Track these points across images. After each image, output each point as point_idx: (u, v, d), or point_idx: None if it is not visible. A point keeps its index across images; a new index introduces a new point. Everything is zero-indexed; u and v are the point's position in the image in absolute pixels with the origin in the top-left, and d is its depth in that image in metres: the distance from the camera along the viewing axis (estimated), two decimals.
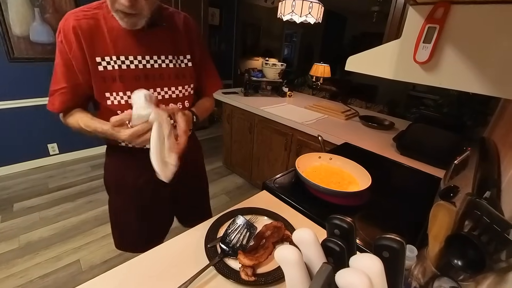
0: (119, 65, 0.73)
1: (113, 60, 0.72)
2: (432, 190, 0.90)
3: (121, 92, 0.74)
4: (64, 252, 1.66)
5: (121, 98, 0.75)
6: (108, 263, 1.62)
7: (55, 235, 1.78)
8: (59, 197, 2.17)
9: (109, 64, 0.72)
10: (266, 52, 5.06)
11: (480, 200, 0.45)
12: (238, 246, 0.64)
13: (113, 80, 0.73)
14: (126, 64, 0.74)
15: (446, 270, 0.46)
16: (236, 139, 2.48)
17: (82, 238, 1.78)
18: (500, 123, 1.10)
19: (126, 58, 0.74)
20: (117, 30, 0.72)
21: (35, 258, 1.61)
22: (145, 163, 0.88)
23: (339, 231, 0.30)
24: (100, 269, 1.58)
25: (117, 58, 0.73)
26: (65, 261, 1.60)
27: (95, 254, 1.67)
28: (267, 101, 2.31)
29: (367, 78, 0.83)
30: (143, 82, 0.77)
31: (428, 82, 0.51)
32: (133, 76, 0.76)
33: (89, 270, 1.56)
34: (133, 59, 0.75)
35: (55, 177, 2.43)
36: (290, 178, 1.03)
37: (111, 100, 0.75)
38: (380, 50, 0.59)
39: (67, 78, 0.73)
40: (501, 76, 0.43)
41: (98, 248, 1.71)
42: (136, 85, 0.76)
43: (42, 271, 1.53)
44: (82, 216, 1.97)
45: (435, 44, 0.47)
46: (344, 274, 0.26)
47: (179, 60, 0.84)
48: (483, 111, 1.56)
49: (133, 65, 0.75)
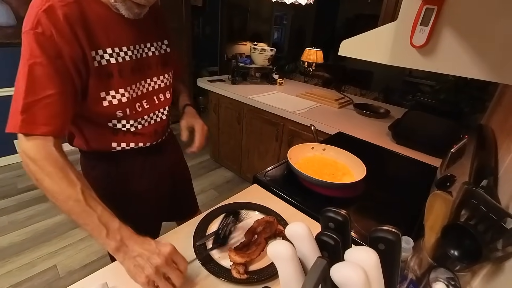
0: (116, 58, 0.68)
1: (108, 53, 0.67)
2: (428, 180, 0.93)
3: (121, 88, 0.70)
4: (39, 258, 1.63)
5: (122, 96, 0.71)
6: (88, 267, 1.60)
7: (27, 240, 1.75)
8: (30, 198, 2.12)
9: (102, 58, 0.66)
10: (254, 36, 5.00)
11: (476, 189, 0.47)
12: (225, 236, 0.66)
13: (110, 76, 0.68)
14: (121, 56, 0.70)
15: (442, 261, 0.48)
16: (224, 130, 2.47)
17: (58, 242, 1.75)
18: (498, 109, 1.14)
19: (121, 49, 0.69)
20: (104, 18, 0.66)
21: (5, 265, 1.58)
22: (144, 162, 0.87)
23: (333, 224, 0.31)
24: (80, 274, 1.56)
25: (112, 50, 0.68)
26: (40, 267, 1.58)
27: (73, 258, 1.65)
28: (256, 89, 2.30)
29: (362, 63, 0.84)
30: (137, 74, 0.75)
31: (425, 67, 0.52)
32: (129, 69, 0.72)
33: (68, 275, 1.55)
34: (127, 50, 0.71)
35: (24, 177, 2.35)
36: (282, 171, 1.04)
37: (108, 100, 0.69)
38: (375, 34, 0.59)
39: (55, 83, 0.58)
40: (500, 60, 0.44)
41: (76, 251, 1.69)
42: (133, 79, 0.74)
43: (14, 279, 1.50)
44: (57, 218, 1.93)
45: (432, 26, 0.48)
46: (339, 268, 0.26)
47: (159, 46, 0.83)
48: (481, 97, 1.61)
49: (128, 57, 0.71)
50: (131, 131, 0.78)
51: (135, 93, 0.76)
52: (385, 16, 1.54)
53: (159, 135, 0.87)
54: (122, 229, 0.56)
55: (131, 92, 0.74)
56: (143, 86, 0.78)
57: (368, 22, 1.01)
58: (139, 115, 0.78)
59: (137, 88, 0.76)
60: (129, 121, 0.76)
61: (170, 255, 0.54)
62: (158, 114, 0.85)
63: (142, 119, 0.79)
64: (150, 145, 0.85)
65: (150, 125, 0.83)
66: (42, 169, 0.57)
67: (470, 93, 1.65)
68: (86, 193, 0.57)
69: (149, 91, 0.80)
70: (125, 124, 0.76)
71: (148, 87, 0.80)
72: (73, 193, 0.56)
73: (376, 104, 2.00)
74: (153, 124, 0.84)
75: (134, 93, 0.75)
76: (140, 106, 0.78)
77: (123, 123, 0.76)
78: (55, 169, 0.57)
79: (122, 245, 0.55)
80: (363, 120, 1.75)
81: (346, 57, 0.66)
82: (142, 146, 0.82)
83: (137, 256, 0.53)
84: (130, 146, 0.80)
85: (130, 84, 0.73)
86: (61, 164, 0.58)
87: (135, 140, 0.80)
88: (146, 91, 0.79)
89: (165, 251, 0.53)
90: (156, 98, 0.83)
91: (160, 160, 0.91)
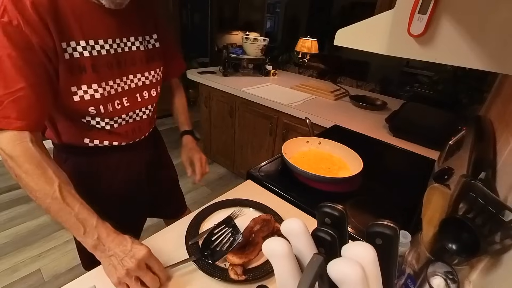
0: (90, 51, 0.67)
1: (82, 45, 0.65)
2: (426, 173, 0.95)
3: (94, 84, 0.69)
4: (21, 262, 1.61)
5: (94, 92, 0.69)
6: (74, 270, 1.59)
7: (8, 244, 1.72)
8: (9, 199, 2.08)
9: (75, 50, 0.65)
10: (246, 25, 4.95)
11: (475, 181, 0.48)
12: (218, 250, 0.63)
13: (82, 70, 0.67)
14: (96, 50, 0.68)
15: (440, 255, 0.49)
16: (216, 124, 2.46)
17: (41, 245, 1.73)
18: (497, 100, 1.17)
19: (96, 42, 0.68)
20: (79, 7, 0.64)
21: None
22: (119, 160, 0.85)
23: (330, 220, 0.31)
24: (66, 278, 1.55)
25: (86, 43, 0.66)
26: (23, 272, 1.56)
27: (59, 261, 1.64)
28: (249, 81, 2.29)
29: (358, 53, 0.84)
30: (115, 70, 0.73)
31: (423, 57, 0.52)
32: (106, 64, 0.71)
33: (53, 280, 1.53)
34: (104, 43, 0.69)
35: (3, 176, 2.30)
36: (277, 166, 1.05)
37: (79, 95, 0.68)
38: (371, 22, 0.59)
39: (26, 75, 0.57)
40: (500, 49, 0.44)
41: (61, 254, 1.68)
42: (110, 74, 0.72)
43: None
44: (40, 220, 1.91)
45: (431, 14, 0.48)
46: (336, 264, 0.27)
47: (146, 41, 0.81)
48: (479, 88, 1.64)
49: (104, 51, 0.70)
50: (106, 129, 0.77)
51: (113, 89, 0.74)
52: (382, 4, 1.55)
53: (137, 134, 0.86)
54: (99, 227, 0.57)
55: (107, 88, 0.72)
56: (124, 82, 0.77)
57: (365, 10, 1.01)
58: (117, 113, 0.76)
59: (116, 84, 0.74)
60: (104, 119, 0.75)
61: (143, 260, 0.55)
62: (139, 113, 0.83)
63: (120, 117, 0.78)
64: (126, 144, 0.83)
65: (129, 124, 0.81)
66: (20, 166, 0.57)
67: (469, 83, 1.67)
68: (63, 190, 0.57)
69: (131, 88, 0.79)
70: (99, 122, 0.75)
71: (131, 83, 0.78)
72: (50, 191, 0.56)
73: (373, 96, 2.02)
74: (131, 123, 0.82)
75: (112, 89, 0.73)
76: (120, 103, 0.76)
77: (97, 120, 0.74)
78: (31, 166, 0.57)
79: (99, 244, 0.56)
80: (359, 113, 1.77)
81: (342, 47, 0.66)
82: (117, 144, 0.81)
83: (111, 256, 0.55)
84: (104, 144, 0.79)
85: (106, 80, 0.71)
86: (38, 160, 0.58)
87: (109, 139, 0.79)
88: (127, 88, 0.78)
89: (138, 255, 0.55)
90: (139, 96, 0.81)
91: (138, 158, 0.89)
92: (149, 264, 0.56)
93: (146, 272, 0.55)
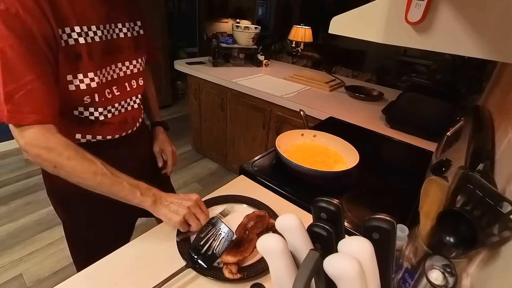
0: (85, 37, 0.67)
1: (77, 31, 0.65)
2: (423, 165, 0.96)
3: (90, 72, 0.69)
4: (1, 267, 1.59)
5: (91, 81, 0.69)
6: (59, 274, 1.58)
7: None
8: None
9: (70, 37, 0.64)
10: (236, 12, 4.89)
11: (472, 173, 0.49)
12: (209, 254, 0.63)
13: (79, 57, 0.67)
14: (90, 37, 0.68)
15: (438, 248, 0.50)
16: (206, 117, 2.45)
17: (22, 248, 1.71)
18: (496, 89, 1.19)
19: (89, 28, 0.68)
20: None
21: None
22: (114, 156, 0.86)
23: (326, 215, 0.32)
24: (50, 282, 1.54)
25: (80, 29, 0.66)
26: (3, 277, 1.54)
27: (42, 265, 1.62)
28: (240, 72, 2.28)
29: (354, 42, 0.84)
30: (108, 57, 0.74)
31: (421, 45, 0.52)
32: (100, 51, 0.71)
33: (36, 284, 1.52)
34: (96, 30, 0.69)
35: None
36: (270, 160, 1.05)
37: (75, 84, 0.68)
38: (367, 9, 0.59)
39: (33, 66, 0.58)
40: (499, 37, 0.45)
41: (44, 258, 1.66)
42: (104, 62, 0.72)
43: None
44: (20, 222, 1.88)
45: (429, 0, 0.48)
46: (333, 260, 0.27)
47: (131, 27, 0.81)
48: (478, 77, 1.66)
49: (98, 37, 0.70)
50: (100, 120, 0.77)
51: (105, 78, 0.74)
52: None
53: (129, 125, 0.86)
54: (151, 188, 0.70)
55: (101, 76, 0.72)
56: (114, 71, 0.77)
57: None
58: (109, 103, 0.77)
59: (107, 72, 0.74)
60: (98, 109, 0.75)
61: (197, 200, 0.70)
62: (130, 102, 0.84)
63: (112, 107, 0.78)
64: (120, 137, 0.83)
65: (120, 114, 0.81)
66: (60, 154, 0.62)
67: (467, 73, 1.70)
68: (107, 166, 0.66)
69: (121, 77, 0.79)
70: (93, 112, 0.75)
71: (120, 72, 0.78)
72: (97, 169, 0.64)
73: (369, 86, 2.03)
74: (123, 113, 0.82)
75: (104, 78, 0.74)
76: (110, 92, 0.77)
77: (91, 110, 0.74)
78: (71, 151, 0.63)
79: (157, 198, 0.68)
80: (355, 104, 1.78)
81: (337, 35, 0.66)
82: (110, 138, 0.81)
83: (170, 204, 0.68)
84: (97, 139, 0.79)
85: (100, 68, 0.72)
86: (73, 146, 0.64)
87: (102, 132, 0.79)
88: (117, 77, 0.78)
89: (193, 197, 0.70)
90: (128, 85, 0.82)
91: (131, 154, 0.89)
92: (200, 205, 0.70)
93: (201, 210, 0.69)
